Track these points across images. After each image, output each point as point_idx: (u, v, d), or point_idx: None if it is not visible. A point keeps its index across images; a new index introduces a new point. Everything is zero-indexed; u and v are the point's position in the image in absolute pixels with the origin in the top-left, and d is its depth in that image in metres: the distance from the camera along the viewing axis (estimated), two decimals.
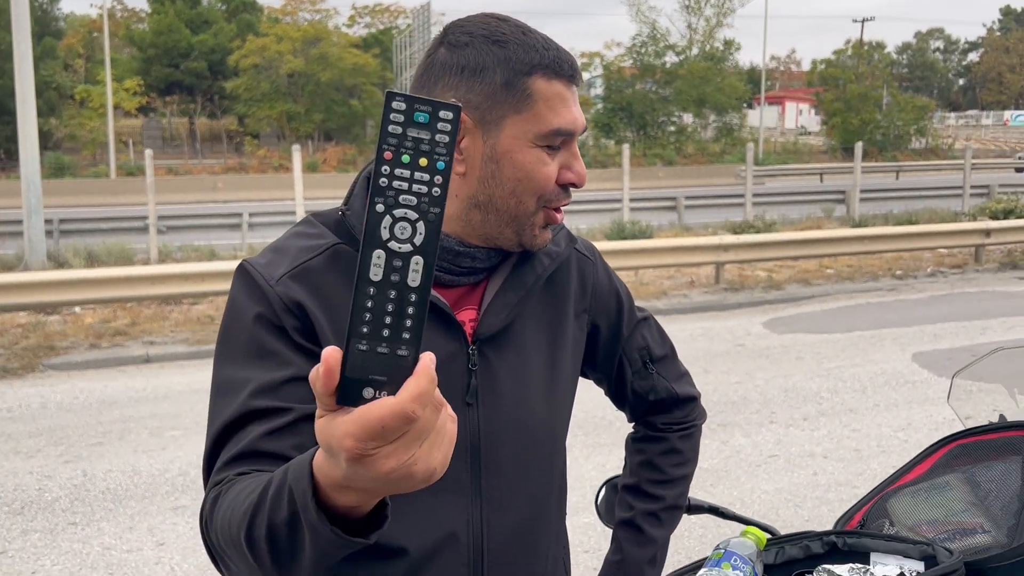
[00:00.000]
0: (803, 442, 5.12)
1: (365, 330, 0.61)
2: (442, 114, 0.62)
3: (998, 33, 69.62)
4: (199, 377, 6.73)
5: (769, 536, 1.15)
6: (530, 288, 1.12)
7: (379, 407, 0.60)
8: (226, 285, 8.06)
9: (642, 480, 1.33)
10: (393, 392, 0.61)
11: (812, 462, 4.84)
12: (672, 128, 41.66)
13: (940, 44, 72.58)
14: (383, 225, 0.61)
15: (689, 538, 3.81)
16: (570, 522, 1.33)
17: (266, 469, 0.91)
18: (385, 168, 0.61)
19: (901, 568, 1.01)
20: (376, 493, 0.68)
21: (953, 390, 1.35)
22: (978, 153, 37.22)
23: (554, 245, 1.16)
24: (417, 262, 0.61)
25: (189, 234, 12.79)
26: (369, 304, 0.61)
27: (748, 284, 10.44)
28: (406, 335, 0.61)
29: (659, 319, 1.42)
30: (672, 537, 1.36)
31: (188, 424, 5.54)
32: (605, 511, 1.44)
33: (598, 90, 42.01)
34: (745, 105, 47.46)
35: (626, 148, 13.57)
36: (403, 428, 0.61)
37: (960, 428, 1.30)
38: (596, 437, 5.10)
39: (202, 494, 4.11)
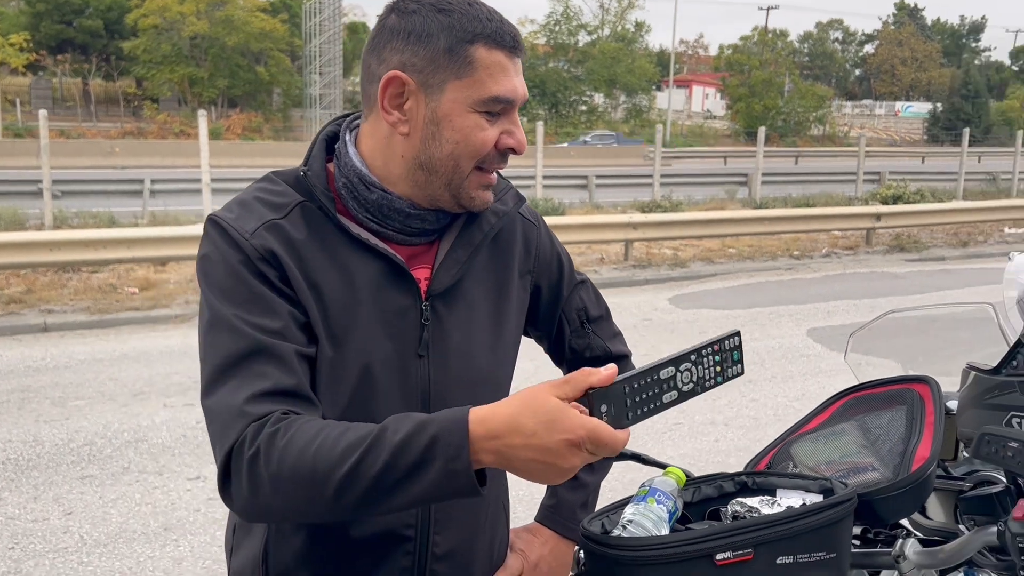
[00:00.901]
0: (706, 411, 5.37)
1: (635, 385, 0.93)
2: (740, 369, 1.04)
3: (892, 27, 72.77)
4: (102, 347, 6.53)
5: (687, 477, 1.26)
6: (478, 245, 1.19)
7: (610, 431, 0.89)
8: (129, 253, 7.83)
9: None
10: (610, 425, 0.90)
11: (714, 429, 5.09)
12: (584, 108, 42.15)
13: (839, 35, 75.34)
14: (686, 368, 0.97)
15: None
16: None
17: (295, 410, 0.99)
18: (708, 351, 0.99)
19: (803, 499, 1.14)
20: (519, 467, 0.90)
21: (850, 348, 1.50)
22: (871, 142, 39.06)
23: (500, 204, 1.22)
24: (673, 395, 0.96)
25: (86, 200, 12.21)
26: (646, 380, 0.94)
27: (655, 261, 10.75)
28: (638, 412, 0.94)
29: None
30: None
31: (92, 394, 5.39)
32: None
33: None
34: (654, 87, 48.35)
35: (540, 126, 13.67)
36: (603, 452, 0.89)
37: (855, 382, 1.45)
38: None
39: (112, 463, 3.98)
